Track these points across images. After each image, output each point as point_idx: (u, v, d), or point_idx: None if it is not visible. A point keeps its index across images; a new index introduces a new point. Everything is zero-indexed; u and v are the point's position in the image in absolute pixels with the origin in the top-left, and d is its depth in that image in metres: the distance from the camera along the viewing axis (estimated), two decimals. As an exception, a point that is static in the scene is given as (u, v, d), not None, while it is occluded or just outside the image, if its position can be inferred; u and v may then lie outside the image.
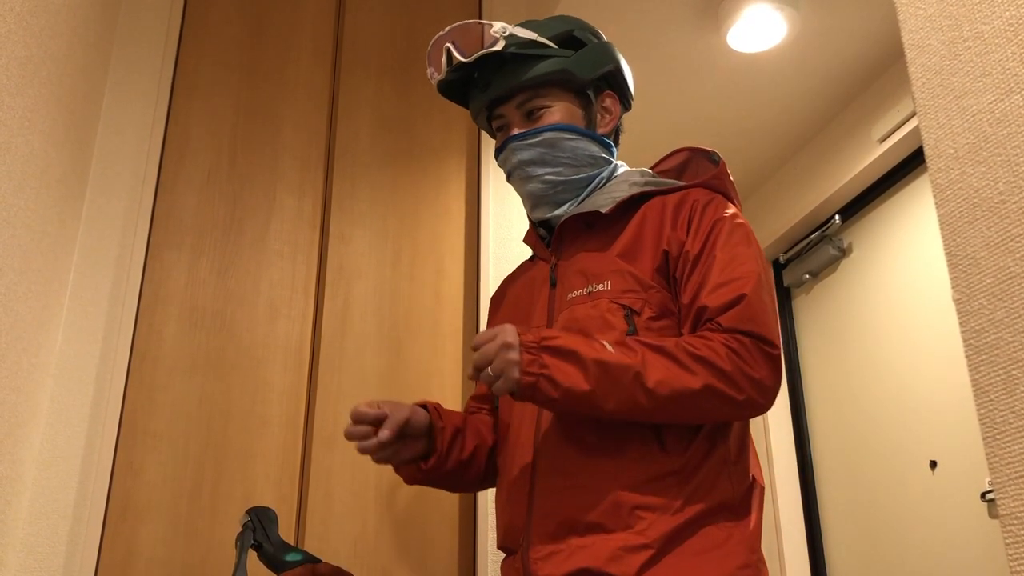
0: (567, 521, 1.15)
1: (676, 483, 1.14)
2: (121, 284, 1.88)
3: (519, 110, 1.38)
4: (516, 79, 1.36)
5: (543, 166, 1.36)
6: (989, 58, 0.86)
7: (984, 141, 0.86)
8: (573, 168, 1.37)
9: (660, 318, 1.22)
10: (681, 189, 1.33)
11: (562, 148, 1.36)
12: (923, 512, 2.60)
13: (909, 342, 2.72)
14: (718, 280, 1.20)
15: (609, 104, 1.43)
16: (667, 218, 1.28)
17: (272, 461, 1.86)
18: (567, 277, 1.32)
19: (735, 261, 1.21)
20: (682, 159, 1.44)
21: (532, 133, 1.36)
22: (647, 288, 1.24)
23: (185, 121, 2.08)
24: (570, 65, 1.36)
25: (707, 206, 1.28)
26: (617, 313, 1.22)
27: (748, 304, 1.17)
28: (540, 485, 1.20)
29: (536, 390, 1.09)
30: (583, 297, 1.27)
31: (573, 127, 1.37)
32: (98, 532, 1.71)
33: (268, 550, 1.39)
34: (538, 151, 1.36)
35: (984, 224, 0.85)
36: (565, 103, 1.38)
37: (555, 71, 1.35)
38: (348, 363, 1.98)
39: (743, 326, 1.15)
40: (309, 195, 2.10)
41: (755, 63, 2.76)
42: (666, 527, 1.11)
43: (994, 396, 0.82)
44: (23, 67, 1.45)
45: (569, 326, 1.26)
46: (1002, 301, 0.82)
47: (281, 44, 2.22)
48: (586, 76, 1.38)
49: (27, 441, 1.65)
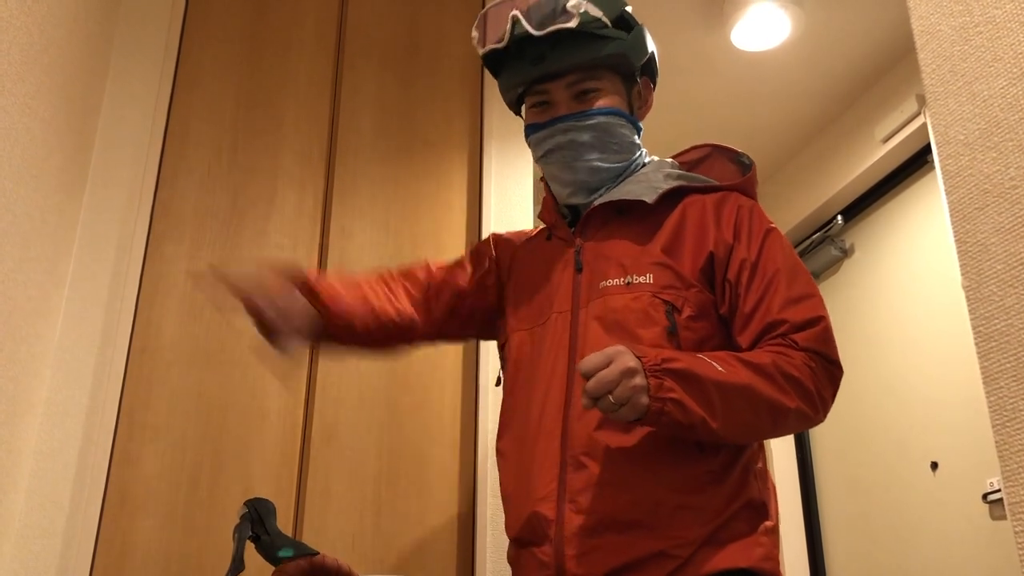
0: (606, 518, 1.13)
1: (712, 484, 1.14)
2: (121, 275, 1.86)
3: (568, 90, 1.32)
4: (575, 58, 1.30)
5: (594, 151, 1.32)
6: (1001, 43, 0.85)
7: (995, 127, 0.85)
8: (619, 155, 1.33)
9: (699, 319, 1.21)
10: (717, 189, 1.32)
11: (613, 134, 1.32)
12: (924, 513, 2.59)
13: (911, 343, 2.71)
14: (790, 294, 1.19)
15: (646, 91, 1.41)
16: (709, 218, 1.26)
17: (270, 455, 1.85)
18: (597, 264, 1.28)
19: (800, 276, 1.21)
20: (702, 154, 1.42)
21: (587, 115, 1.30)
22: (688, 287, 1.21)
23: (186, 113, 2.07)
24: (627, 48, 1.32)
25: (753, 213, 1.27)
26: (659, 309, 1.20)
27: (826, 328, 1.17)
28: (574, 478, 1.17)
29: (662, 415, 1.05)
30: (620, 288, 1.23)
31: (624, 113, 1.34)
32: (95, 524, 1.70)
33: (266, 542, 1.38)
34: (592, 135, 1.31)
35: (995, 210, 0.84)
36: (615, 87, 1.34)
37: (615, 53, 1.31)
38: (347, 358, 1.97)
39: (820, 348, 1.16)
40: (310, 189, 2.09)
41: (759, 62, 2.76)
42: (706, 528, 1.12)
43: (1004, 383, 0.81)
44: (25, 53, 1.44)
45: (604, 315, 1.22)
46: (1012, 288, 0.81)
47: (283, 37, 2.22)
48: (638, 61, 1.35)
49: (24, 432, 1.63)
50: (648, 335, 1.19)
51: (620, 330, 1.21)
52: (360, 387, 1.95)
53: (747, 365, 1.11)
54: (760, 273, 1.21)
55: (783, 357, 1.13)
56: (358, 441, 1.91)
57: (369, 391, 1.95)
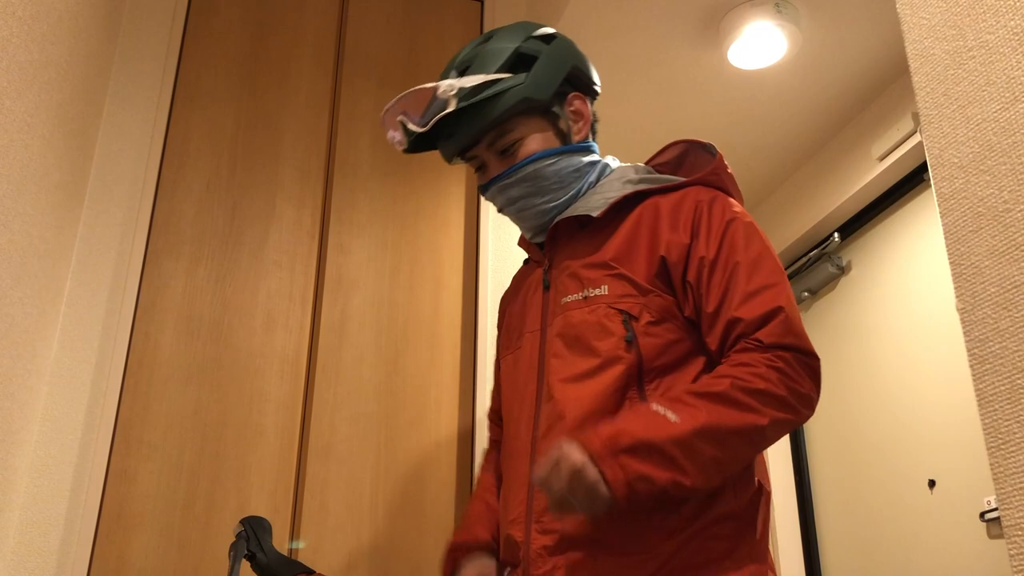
0: (567, 537, 1.13)
1: (679, 497, 1.11)
2: (118, 291, 1.87)
3: (491, 149, 1.34)
4: (477, 124, 1.31)
5: (533, 198, 1.33)
6: (994, 67, 0.86)
7: (988, 150, 0.85)
8: (562, 189, 1.33)
9: (661, 323, 1.19)
10: (679, 187, 1.29)
11: (545, 176, 1.32)
12: (922, 531, 2.58)
13: (908, 361, 2.71)
14: (747, 288, 1.15)
15: (578, 106, 1.38)
16: (663, 221, 1.24)
17: (267, 472, 1.84)
18: (560, 280, 1.29)
19: (760, 267, 1.17)
20: (679, 151, 1.40)
21: (512, 171, 1.31)
22: (645, 293, 1.20)
23: (185, 130, 2.08)
24: (527, 91, 1.30)
25: (713, 205, 1.24)
26: (615, 319, 1.20)
27: (786, 318, 1.13)
28: (538, 499, 1.17)
29: (634, 494, 1.03)
30: (579, 302, 1.24)
31: (549, 151, 1.32)
32: (90, 541, 1.69)
33: (262, 560, 1.37)
34: (523, 186, 1.32)
35: (989, 233, 0.84)
36: (535, 129, 1.33)
37: (514, 104, 1.29)
38: (345, 374, 1.97)
39: (785, 341, 1.12)
40: (308, 205, 2.10)
41: (756, 80, 2.77)
42: (669, 542, 1.09)
43: (998, 406, 0.82)
44: (24, 71, 1.45)
45: (565, 331, 1.23)
46: (1007, 310, 0.82)
47: (282, 55, 2.23)
48: (546, 95, 1.32)
49: (20, 448, 1.63)
50: (605, 346, 1.18)
51: (579, 344, 1.21)
52: (357, 404, 1.95)
53: (704, 398, 1.07)
54: (720, 269, 1.18)
55: (743, 369, 1.10)
56: (355, 458, 1.90)
57: (366, 408, 1.95)
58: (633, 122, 2.98)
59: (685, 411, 1.06)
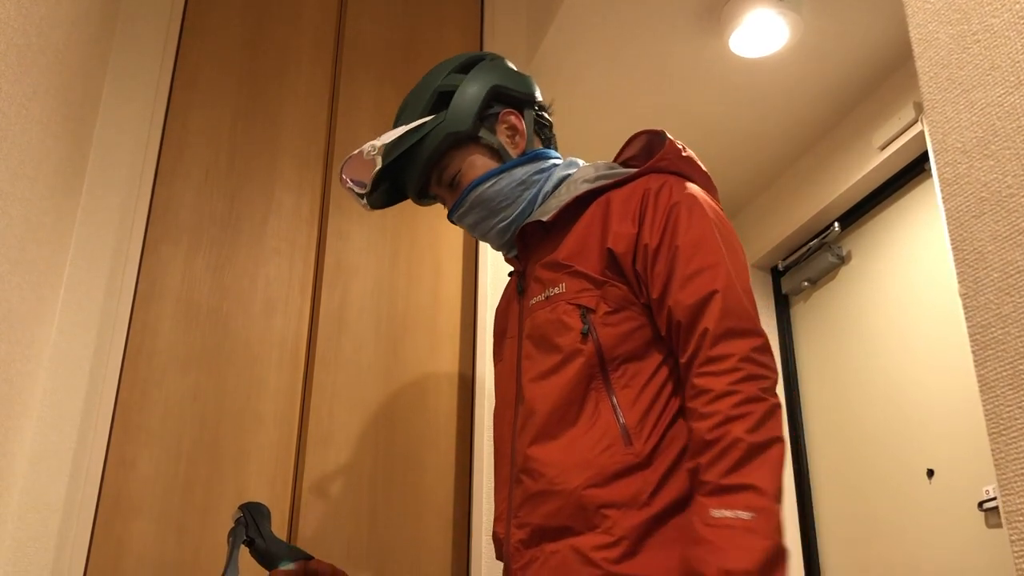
0: (539, 528, 1.16)
1: (641, 476, 1.12)
2: (117, 278, 1.86)
3: (440, 186, 1.43)
4: (416, 169, 1.41)
5: (487, 220, 1.39)
6: (998, 51, 0.85)
7: (993, 135, 0.85)
8: (512, 206, 1.38)
9: (619, 311, 1.21)
10: (632, 179, 1.31)
11: (490, 197, 1.38)
12: (920, 521, 2.59)
13: (907, 351, 2.71)
14: (685, 272, 1.16)
15: (512, 121, 1.43)
16: (612, 214, 1.26)
17: (266, 459, 1.84)
18: (529, 284, 1.35)
19: (699, 248, 1.17)
20: (643, 143, 1.42)
21: (459, 204, 1.40)
22: (600, 285, 1.23)
23: (184, 117, 2.07)
24: (448, 127, 1.38)
25: (659, 193, 1.25)
26: (573, 314, 1.23)
27: (723, 299, 1.13)
28: (515, 492, 1.22)
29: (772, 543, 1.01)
30: (542, 303, 1.28)
31: (486, 175, 1.38)
32: (89, 527, 1.69)
33: (260, 546, 1.37)
34: (475, 212, 1.39)
35: (992, 218, 0.84)
36: (471, 156, 1.40)
37: (438, 142, 1.38)
38: (344, 361, 1.97)
39: (726, 325, 1.11)
40: (307, 193, 2.09)
41: (757, 68, 2.76)
42: (633, 521, 1.10)
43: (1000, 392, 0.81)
44: (21, 55, 1.44)
45: (532, 332, 1.28)
46: (1009, 296, 0.81)
47: (282, 44, 2.22)
48: (466, 125, 1.38)
49: (18, 435, 1.63)
50: (565, 341, 1.21)
51: (544, 343, 1.25)
52: (356, 391, 1.95)
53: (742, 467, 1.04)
54: (663, 256, 1.19)
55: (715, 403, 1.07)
56: (354, 445, 1.90)
57: (365, 395, 1.95)
58: (633, 111, 2.97)
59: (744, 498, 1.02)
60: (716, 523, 1.01)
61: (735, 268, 1.18)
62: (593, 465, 1.13)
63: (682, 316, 1.14)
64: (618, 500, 1.11)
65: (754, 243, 3.42)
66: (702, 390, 1.09)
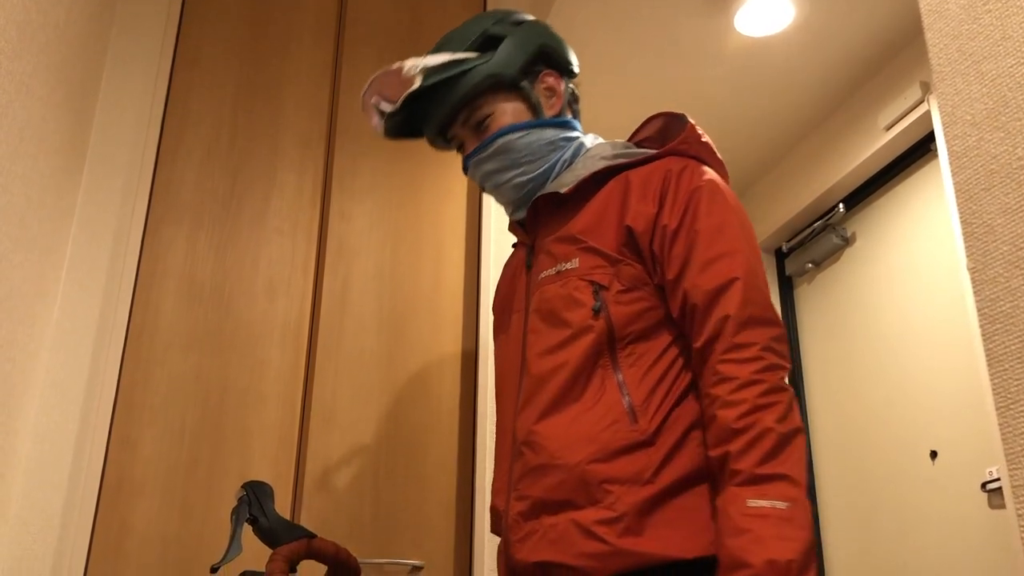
0: (539, 501, 1.15)
1: (645, 453, 1.12)
2: (119, 257, 1.85)
3: (466, 127, 1.40)
4: (448, 102, 1.37)
5: (506, 171, 1.37)
6: (1010, 21, 0.84)
7: (1003, 106, 0.83)
8: (534, 163, 1.36)
9: (632, 290, 1.20)
10: (651, 160, 1.30)
11: (517, 149, 1.35)
12: (923, 502, 2.58)
13: (911, 332, 2.71)
14: (706, 256, 1.16)
15: (551, 83, 1.42)
16: (632, 192, 1.25)
17: (269, 439, 1.84)
18: (539, 258, 1.33)
19: (721, 234, 1.18)
20: (659, 125, 1.42)
21: (483, 146, 1.37)
22: (615, 263, 1.22)
23: (186, 94, 2.06)
24: (493, 68, 1.36)
25: (681, 175, 1.24)
26: (585, 290, 1.22)
27: (744, 287, 1.13)
28: (516, 465, 1.21)
29: None
30: (552, 277, 1.27)
31: (519, 124, 1.36)
32: (92, 506, 1.69)
33: (264, 524, 1.37)
34: (496, 161, 1.36)
35: (1001, 191, 0.83)
36: (505, 104, 1.38)
37: (481, 80, 1.36)
38: (347, 342, 1.96)
39: (746, 312, 1.11)
40: (310, 172, 2.08)
41: (762, 47, 2.74)
42: (635, 498, 1.09)
43: (1009, 365, 0.80)
44: (21, 31, 1.43)
45: (540, 306, 1.26)
46: (1019, 269, 0.80)
47: (284, 20, 2.20)
48: (512, 71, 1.37)
49: (22, 413, 1.63)
50: (575, 317, 1.20)
51: (552, 318, 1.24)
52: (358, 372, 1.94)
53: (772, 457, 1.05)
54: (682, 238, 1.19)
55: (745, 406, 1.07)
56: (357, 425, 1.90)
57: (367, 376, 1.95)
58: (638, 91, 2.95)
59: (778, 488, 1.03)
60: (754, 512, 1.01)
61: (754, 258, 1.18)
62: (597, 440, 1.13)
63: (699, 299, 1.14)
64: (621, 476, 1.10)
65: (758, 224, 3.41)
66: (726, 377, 1.09)
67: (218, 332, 1.89)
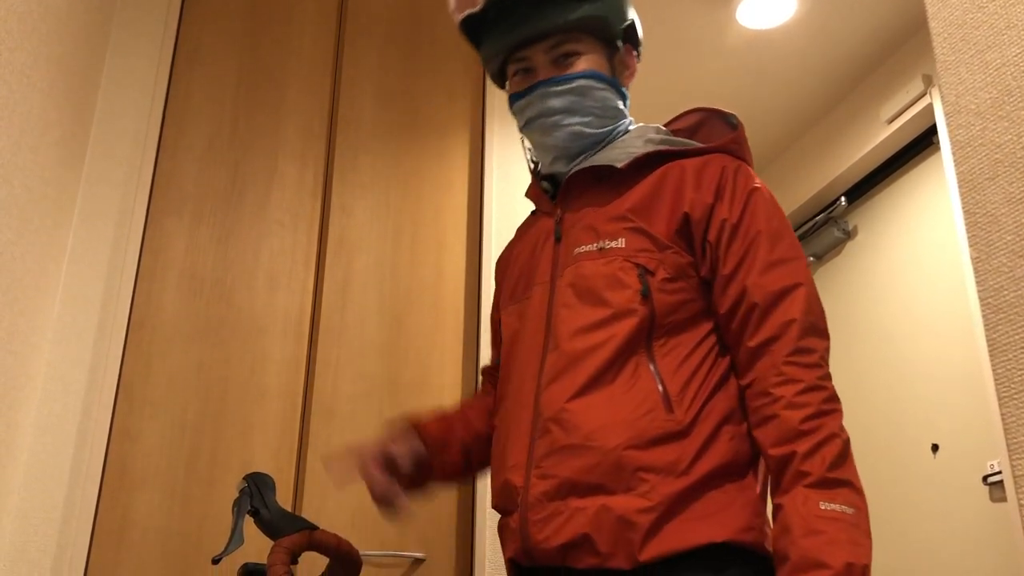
0: (567, 481, 1.12)
1: (680, 444, 1.11)
2: (120, 250, 1.85)
3: (548, 54, 1.31)
4: (550, 21, 1.29)
5: (572, 115, 1.31)
6: (1014, 10, 0.83)
7: (1007, 95, 0.83)
8: (600, 119, 1.32)
9: (676, 280, 1.19)
10: (701, 153, 1.29)
11: (593, 97, 1.31)
12: (924, 495, 2.58)
13: (913, 326, 2.70)
14: (769, 258, 1.16)
15: (630, 60, 1.39)
16: (688, 180, 1.23)
17: (270, 431, 1.84)
18: (574, 232, 1.28)
19: (781, 240, 1.18)
20: (696, 120, 1.39)
21: (566, 79, 1.29)
22: (663, 248, 1.20)
23: (187, 87, 2.05)
24: (605, 11, 1.31)
25: (738, 173, 1.24)
26: (631, 272, 1.19)
27: (807, 294, 1.14)
28: (540, 442, 1.17)
29: None
30: (593, 253, 1.23)
31: (604, 76, 1.32)
32: (94, 499, 1.69)
33: (265, 516, 1.37)
34: (569, 99, 1.30)
35: (1006, 180, 0.82)
36: (595, 51, 1.32)
37: (592, 16, 1.30)
38: (348, 335, 1.96)
39: (811, 318, 1.13)
40: (311, 165, 2.08)
41: (764, 40, 2.73)
42: (670, 489, 1.09)
43: (1012, 355, 0.80)
44: (22, 22, 1.42)
45: (576, 282, 1.22)
46: (1022, 258, 0.80)
47: (285, 11, 2.19)
48: (618, 26, 1.33)
49: (24, 406, 1.63)
50: (618, 299, 1.18)
51: (591, 295, 1.20)
52: (360, 363, 1.94)
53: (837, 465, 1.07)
54: (741, 234, 1.18)
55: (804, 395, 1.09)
56: (358, 418, 1.90)
57: (369, 367, 1.94)
58: (639, 83, 2.94)
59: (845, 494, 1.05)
60: (827, 515, 1.03)
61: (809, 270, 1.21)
62: (634, 427, 1.12)
63: (760, 299, 1.14)
64: (656, 465, 1.10)
65: (759, 218, 3.41)
66: (792, 379, 1.10)
67: (219, 324, 1.88)
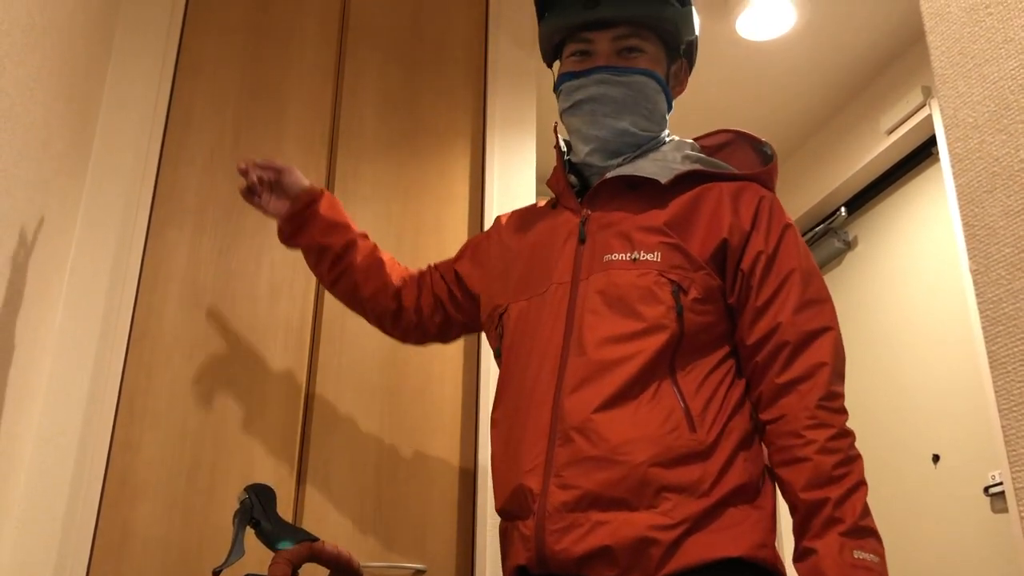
0: (590, 494, 1.11)
1: (702, 465, 1.12)
2: (122, 261, 1.86)
3: (613, 43, 1.31)
4: (632, 10, 1.29)
5: (624, 111, 1.30)
6: (1012, 23, 0.84)
7: (1005, 109, 0.84)
8: (648, 122, 1.32)
9: (705, 302, 1.19)
10: (737, 178, 1.29)
11: (648, 98, 1.31)
12: (925, 506, 2.58)
13: (913, 336, 2.70)
14: (804, 297, 1.18)
15: (683, 76, 1.40)
16: (726, 205, 1.24)
17: (271, 441, 1.84)
18: (603, 236, 1.26)
19: (814, 279, 1.21)
20: (724, 139, 1.38)
21: (627, 71, 1.29)
22: (697, 268, 1.20)
23: (189, 99, 2.06)
24: (678, 20, 1.31)
25: (773, 205, 1.25)
26: (665, 288, 1.19)
27: (836, 338, 1.17)
28: (561, 450, 1.15)
29: None
30: (626, 263, 1.21)
31: (662, 80, 1.32)
32: (95, 510, 1.69)
33: (266, 528, 1.37)
34: (625, 92, 1.29)
35: (1004, 193, 0.83)
36: (658, 55, 1.33)
37: (670, 18, 1.30)
38: (349, 345, 1.96)
39: (839, 365, 1.17)
40: (312, 176, 2.08)
41: (763, 51, 2.74)
42: (691, 510, 1.10)
43: (1012, 368, 0.80)
44: (26, 34, 1.43)
45: (607, 290, 1.21)
46: (1021, 271, 0.80)
47: (286, 23, 2.20)
48: (684, 37, 1.34)
49: (25, 417, 1.63)
50: (652, 313, 1.18)
51: (622, 305, 1.19)
52: (361, 374, 1.94)
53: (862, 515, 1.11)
54: (776, 269, 1.19)
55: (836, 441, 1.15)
56: (359, 428, 1.90)
57: (370, 377, 1.95)
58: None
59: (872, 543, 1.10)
60: (860, 564, 1.07)
61: None
62: (660, 443, 1.12)
63: (793, 337, 1.16)
64: (680, 484, 1.11)
65: (760, 229, 3.41)
66: (825, 423, 1.14)
67: (221, 335, 1.89)
